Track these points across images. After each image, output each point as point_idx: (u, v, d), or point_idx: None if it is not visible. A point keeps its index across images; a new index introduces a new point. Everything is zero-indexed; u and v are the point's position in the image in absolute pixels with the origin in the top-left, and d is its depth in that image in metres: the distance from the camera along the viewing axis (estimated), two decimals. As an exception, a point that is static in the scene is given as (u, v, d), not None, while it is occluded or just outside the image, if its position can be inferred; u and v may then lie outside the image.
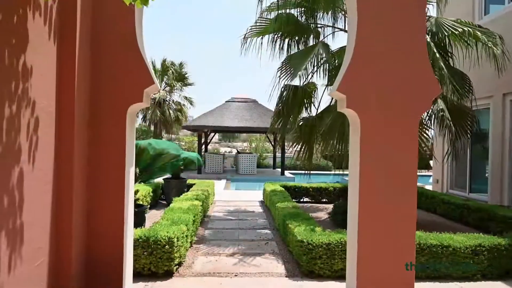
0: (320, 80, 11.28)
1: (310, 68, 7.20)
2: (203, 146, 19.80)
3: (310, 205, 9.38)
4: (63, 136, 2.96)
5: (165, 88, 23.75)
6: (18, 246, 2.46)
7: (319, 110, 7.44)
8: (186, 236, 4.85)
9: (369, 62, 3.30)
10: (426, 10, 3.77)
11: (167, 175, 9.01)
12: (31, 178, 2.59)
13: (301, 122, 7.42)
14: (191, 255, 5.09)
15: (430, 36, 6.28)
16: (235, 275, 4.42)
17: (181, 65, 23.93)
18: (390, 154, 3.30)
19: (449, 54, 6.65)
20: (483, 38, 6.22)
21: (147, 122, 23.95)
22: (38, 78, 2.64)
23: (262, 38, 7.63)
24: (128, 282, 3.41)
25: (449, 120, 6.17)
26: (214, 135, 23.44)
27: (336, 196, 9.58)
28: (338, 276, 4.36)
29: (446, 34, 6.16)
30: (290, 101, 6.96)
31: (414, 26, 3.34)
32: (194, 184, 9.43)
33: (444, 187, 10.43)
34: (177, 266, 4.52)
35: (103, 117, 3.24)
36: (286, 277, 4.43)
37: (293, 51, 7.58)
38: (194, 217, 5.61)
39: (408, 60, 3.32)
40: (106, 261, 3.25)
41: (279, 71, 6.86)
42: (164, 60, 23.65)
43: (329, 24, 7.64)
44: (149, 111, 22.65)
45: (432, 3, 7.22)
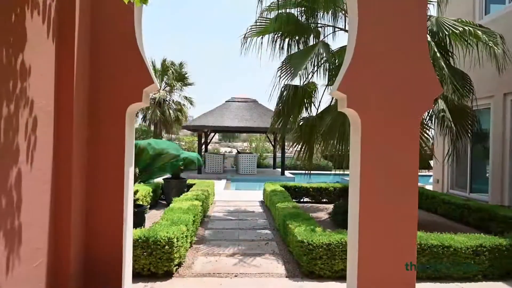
0: (320, 80, 11.27)
1: (311, 67, 7.18)
2: (203, 146, 19.78)
3: (310, 205, 9.36)
4: (62, 135, 2.94)
5: (165, 88, 23.73)
6: (16, 246, 2.44)
7: (320, 110, 7.42)
8: (186, 236, 4.83)
9: (370, 62, 3.28)
10: (427, 9, 3.73)
11: (167, 175, 8.99)
12: (30, 178, 2.57)
13: (301, 122, 7.40)
14: (191, 256, 5.07)
15: (431, 35, 6.25)
16: (235, 276, 4.41)
17: (181, 65, 23.92)
18: (391, 154, 3.28)
19: (449, 53, 6.62)
20: (484, 37, 6.19)
21: (147, 122, 23.94)
22: (37, 77, 2.62)
23: (262, 38, 7.60)
24: (127, 282, 3.40)
25: (450, 120, 6.14)
26: (214, 135, 23.43)
27: (336, 196, 9.56)
28: (338, 276, 4.34)
29: (446, 34, 6.13)
30: (290, 101, 6.94)
31: (415, 26, 3.32)
32: (194, 184, 9.41)
33: (444, 187, 10.41)
34: (176, 267, 4.50)
35: (102, 116, 3.23)
36: (286, 277, 4.41)
37: (293, 51, 7.56)
38: (194, 217, 5.60)
39: (409, 59, 3.31)
40: (105, 261, 3.24)
41: (279, 71, 6.84)
42: (164, 60, 23.65)
43: (329, 23, 7.63)
44: (149, 111, 22.64)
45: (432, 3, 7.20)
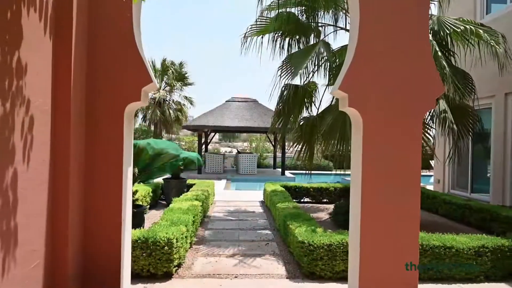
0: (321, 79, 11.22)
1: (311, 67, 7.15)
2: (203, 146, 19.75)
3: (310, 205, 9.32)
4: (59, 135, 2.90)
5: (165, 88, 23.68)
6: (12, 248, 2.40)
7: (320, 110, 7.39)
8: (186, 237, 4.79)
9: (371, 61, 3.24)
10: (429, 8, 3.69)
11: (167, 175, 8.95)
12: (26, 178, 2.53)
13: (301, 122, 7.36)
14: (191, 256, 5.03)
15: (432, 34, 6.21)
16: (235, 277, 4.37)
17: (181, 64, 23.86)
18: (392, 154, 3.24)
19: (451, 52, 6.58)
20: (485, 36, 6.15)
21: (147, 122, 23.87)
22: (33, 75, 2.58)
23: (262, 37, 7.57)
24: (126, 282, 3.36)
25: (451, 120, 6.10)
26: (214, 135, 23.40)
27: (337, 196, 9.51)
28: (339, 277, 4.30)
29: (447, 32, 6.09)
30: (290, 100, 6.90)
31: (417, 24, 3.28)
32: (194, 184, 9.38)
33: (445, 187, 10.37)
34: (176, 268, 4.46)
35: (100, 116, 3.19)
36: (286, 278, 4.37)
37: (293, 50, 7.51)
38: (193, 217, 5.56)
39: (411, 58, 3.27)
40: (103, 262, 3.20)
41: (280, 70, 6.80)
42: (164, 59, 23.58)
43: (330, 23, 7.59)
44: (149, 111, 22.58)
45: (434, 2, 7.16)
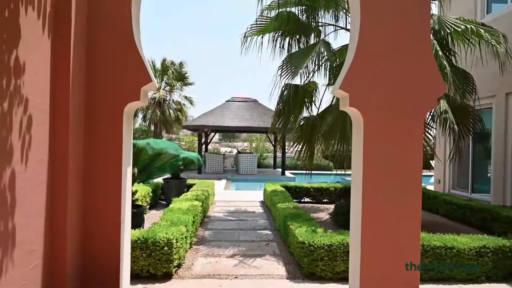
0: (321, 79, 11.20)
1: (311, 66, 7.12)
2: (203, 146, 19.73)
3: (311, 205, 9.30)
4: (58, 134, 2.88)
5: (165, 87, 23.65)
6: (10, 249, 2.38)
7: (320, 110, 7.36)
8: (186, 237, 4.77)
9: (372, 60, 3.22)
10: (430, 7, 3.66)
11: (167, 175, 8.93)
12: (24, 178, 2.51)
13: (302, 122, 7.33)
14: (191, 257, 5.00)
15: (432, 34, 6.18)
16: (235, 277, 4.35)
17: (181, 64, 23.83)
18: (393, 154, 3.22)
19: (451, 52, 6.56)
20: (486, 36, 6.12)
21: (147, 122, 23.85)
22: (31, 74, 2.56)
23: (262, 37, 7.54)
24: (125, 283, 3.34)
25: (452, 120, 6.07)
26: (214, 135, 23.37)
27: (337, 196, 9.49)
28: (340, 278, 4.28)
29: (448, 32, 6.06)
30: (291, 100, 6.87)
31: (418, 25, 3.26)
32: (194, 184, 9.36)
33: (446, 187, 10.34)
34: (176, 268, 4.44)
35: (99, 115, 3.17)
36: (287, 279, 4.35)
37: (293, 50, 7.49)
38: (193, 217, 5.53)
39: (412, 58, 3.25)
40: (102, 262, 3.18)
41: (280, 70, 6.77)
42: (164, 59, 23.55)
43: (330, 22, 7.56)
44: (149, 111, 22.56)
45: (434, 2, 7.14)
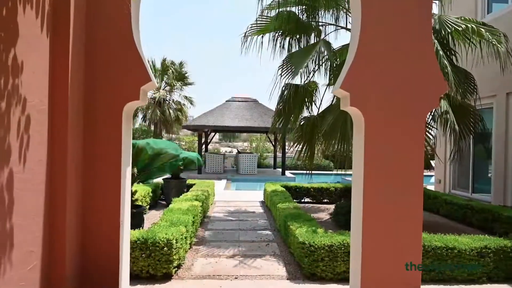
0: (321, 79, 11.17)
1: (312, 66, 7.10)
2: (204, 146, 19.70)
3: (311, 205, 9.27)
4: (56, 134, 2.86)
5: (165, 87, 23.62)
6: (8, 250, 2.35)
7: (321, 109, 7.34)
8: (185, 237, 4.75)
9: (373, 60, 3.20)
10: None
11: (167, 175, 8.90)
12: (22, 179, 2.49)
13: (302, 122, 7.32)
14: (191, 257, 4.98)
15: (433, 33, 6.14)
16: (235, 278, 4.32)
17: (181, 64, 23.80)
18: (395, 154, 3.20)
19: (452, 52, 6.54)
20: (487, 35, 6.09)
21: (147, 122, 23.82)
22: (30, 74, 2.54)
23: (262, 37, 7.52)
24: (124, 283, 3.32)
25: (453, 120, 6.05)
26: (214, 135, 23.35)
27: (337, 196, 9.47)
28: (340, 278, 4.26)
29: (449, 31, 6.04)
30: (291, 100, 6.85)
31: (419, 25, 3.24)
32: (194, 184, 9.34)
33: (446, 187, 10.32)
34: (176, 269, 4.42)
35: (98, 115, 3.15)
36: (287, 279, 4.33)
37: (294, 50, 7.47)
38: (193, 218, 5.51)
39: (414, 57, 3.23)
40: (101, 262, 3.16)
41: (280, 69, 6.75)
42: (164, 59, 23.52)
43: (331, 22, 7.54)
44: (149, 111, 22.54)
45: (435, 2, 7.12)
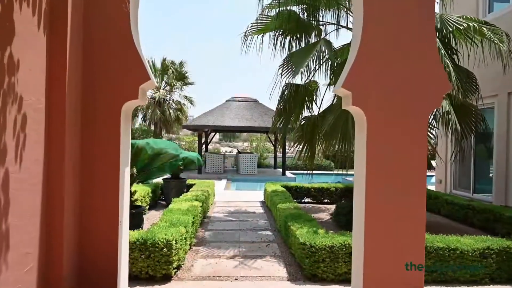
0: (322, 78, 11.13)
1: (312, 65, 7.06)
2: (204, 146, 19.67)
3: (311, 205, 9.23)
4: (54, 134, 2.82)
5: (165, 87, 23.59)
6: (4, 252, 2.31)
7: (322, 109, 7.30)
8: (185, 238, 4.71)
9: (375, 59, 3.16)
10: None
11: (166, 175, 8.87)
12: (18, 179, 2.45)
13: (303, 121, 7.27)
14: (190, 258, 4.94)
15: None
16: (236, 279, 4.28)
17: (181, 64, 23.77)
18: (397, 153, 3.17)
19: (454, 51, 6.50)
20: (489, 34, 6.05)
21: (147, 122, 23.80)
22: (26, 72, 2.49)
23: (263, 36, 7.49)
24: (123, 284, 3.28)
25: (454, 119, 6.01)
26: (214, 135, 23.32)
27: (338, 196, 9.43)
28: (342, 279, 4.22)
29: (450, 30, 5.99)
30: (291, 99, 6.81)
31: (421, 22, 3.20)
32: (194, 184, 9.30)
33: (447, 188, 10.28)
34: (175, 270, 4.38)
35: (97, 114, 3.11)
36: (288, 280, 4.29)
37: (294, 49, 7.44)
38: (193, 218, 5.47)
39: (416, 56, 3.19)
40: (99, 263, 3.13)
41: (281, 69, 6.71)
42: (164, 59, 23.50)
43: (331, 21, 7.50)
44: (149, 111, 22.50)
45: (436, 2, 7.07)
